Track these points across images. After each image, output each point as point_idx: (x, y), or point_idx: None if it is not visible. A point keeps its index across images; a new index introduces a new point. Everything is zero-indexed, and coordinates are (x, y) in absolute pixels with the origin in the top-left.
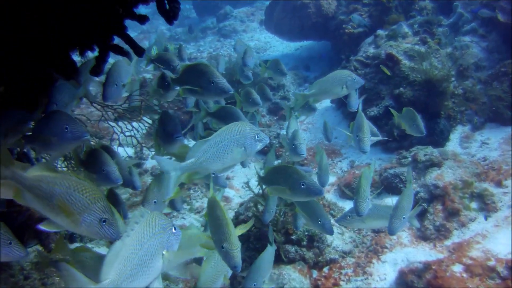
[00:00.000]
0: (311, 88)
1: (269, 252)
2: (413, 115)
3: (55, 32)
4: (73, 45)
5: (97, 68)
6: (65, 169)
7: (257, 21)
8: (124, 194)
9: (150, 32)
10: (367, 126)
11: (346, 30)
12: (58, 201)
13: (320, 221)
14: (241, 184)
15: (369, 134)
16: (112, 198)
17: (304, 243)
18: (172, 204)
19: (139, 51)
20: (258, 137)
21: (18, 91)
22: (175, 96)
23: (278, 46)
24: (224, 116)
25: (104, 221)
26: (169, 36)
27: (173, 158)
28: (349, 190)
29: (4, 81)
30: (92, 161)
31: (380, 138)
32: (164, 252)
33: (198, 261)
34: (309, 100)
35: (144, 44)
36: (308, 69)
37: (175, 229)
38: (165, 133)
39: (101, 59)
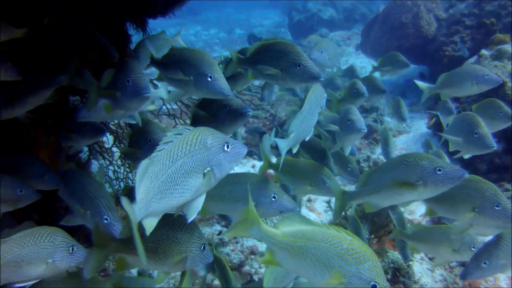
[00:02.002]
0: (437, 81)
1: None
2: None
3: None
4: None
5: None
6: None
7: (353, 46)
8: None
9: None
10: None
11: (447, 53)
12: (164, 248)
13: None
14: (324, 208)
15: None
16: None
17: (389, 276)
18: None
19: None
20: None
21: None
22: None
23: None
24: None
25: (204, 247)
26: None
27: None
28: None
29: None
30: (136, 138)
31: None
32: (205, 171)
33: None
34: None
35: None
36: (404, 95)
37: (227, 147)
38: (230, 112)
39: None
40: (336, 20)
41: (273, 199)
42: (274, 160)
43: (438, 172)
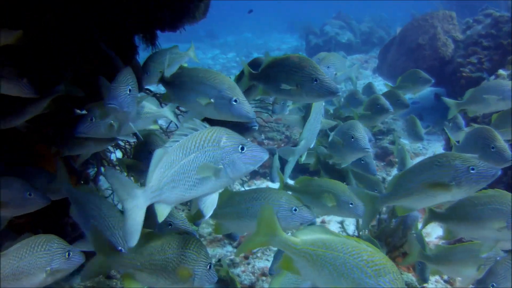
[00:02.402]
0: (464, 97)
1: None
2: None
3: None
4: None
5: None
6: None
7: (370, 69)
8: None
9: None
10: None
11: (464, 74)
12: (173, 266)
13: None
14: (337, 230)
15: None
16: None
17: None
18: None
19: None
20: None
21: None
22: (257, 97)
23: None
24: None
25: (210, 266)
26: None
27: None
28: None
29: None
30: (138, 150)
31: None
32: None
33: None
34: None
35: None
36: (421, 118)
37: (242, 149)
38: (235, 126)
39: None
40: (354, 43)
41: (294, 211)
42: (290, 181)
43: (472, 171)
